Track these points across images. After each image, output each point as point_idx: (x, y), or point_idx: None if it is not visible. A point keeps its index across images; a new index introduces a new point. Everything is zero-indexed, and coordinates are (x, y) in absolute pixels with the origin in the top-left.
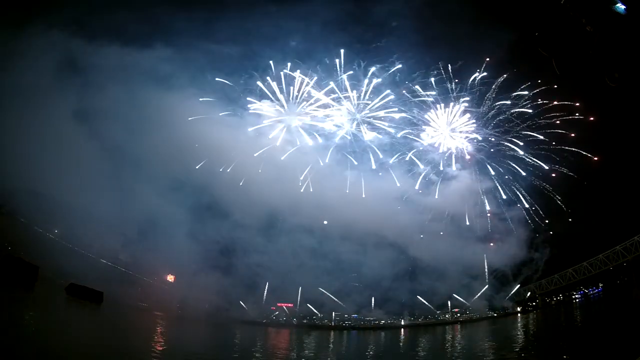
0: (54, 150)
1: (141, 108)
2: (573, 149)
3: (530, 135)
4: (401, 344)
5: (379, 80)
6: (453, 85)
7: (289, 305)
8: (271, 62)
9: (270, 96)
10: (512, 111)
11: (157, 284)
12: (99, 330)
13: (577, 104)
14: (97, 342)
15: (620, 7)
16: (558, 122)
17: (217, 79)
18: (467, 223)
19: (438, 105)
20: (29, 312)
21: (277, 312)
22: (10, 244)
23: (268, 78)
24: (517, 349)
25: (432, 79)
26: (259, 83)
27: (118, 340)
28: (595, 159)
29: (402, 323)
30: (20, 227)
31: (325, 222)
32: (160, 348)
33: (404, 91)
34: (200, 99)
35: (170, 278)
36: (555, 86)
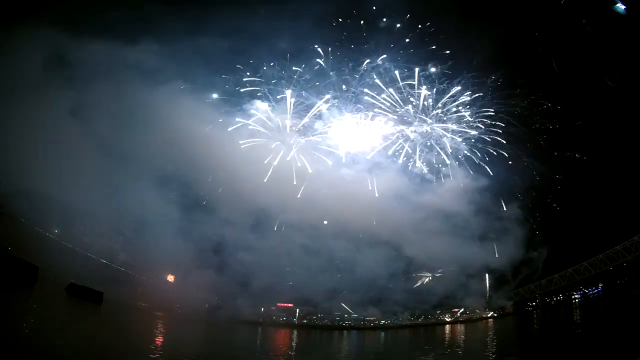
0: (51, 149)
1: (135, 105)
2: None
3: (527, 135)
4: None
5: (368, 80)
6: (444, 85)
7: (289, 305)
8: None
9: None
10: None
11: (157, 284)
12: (99, 330)
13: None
14: (97, 342)
15: (620, 7)
16: (555, 123)
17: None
18: (464, 222)
19: (426, 103)
20: (29, 312)
21: (277, 312)
22: (10, 244)
23: (258, 77)
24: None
25: (422, 79)
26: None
27: (118, 340)
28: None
29: (402, 323)
30: (20, 227)
31: (325, 222)
32: (160, 348)
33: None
34: (194, 97)
35: (170, 278)
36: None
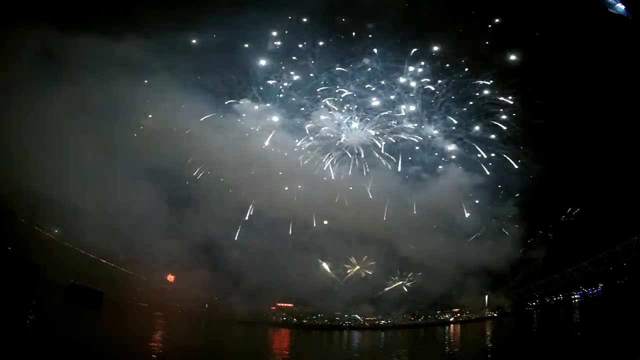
0: (48, 148)
1: (127, 102)
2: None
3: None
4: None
5: (357, 80)
6: (437, 84)
7: (289, 305)
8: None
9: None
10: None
11: (157, 284)
12: (98, 330)
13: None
14: (97, 342)
15: (620, 7)
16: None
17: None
18: (460, 220)
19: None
20: (28, 312)
21: (276, 312)
22: (10, 244)
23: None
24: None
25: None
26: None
27: (118, 341)
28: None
29: (402, 323)
30: (20, 227)
31: (326, 222)
32: (161, 348)
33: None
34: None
35: (170, 278)
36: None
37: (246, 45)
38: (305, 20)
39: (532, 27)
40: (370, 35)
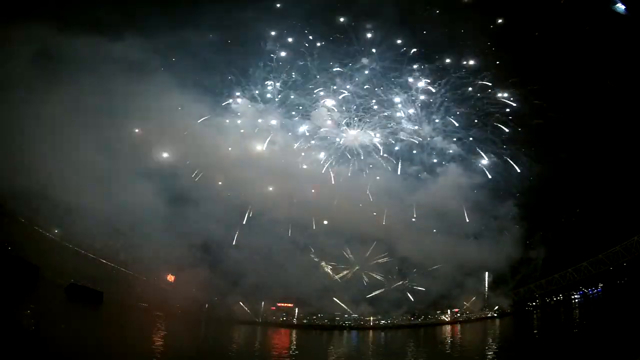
0: (49, 147)
1: (125, 101)
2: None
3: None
4: None
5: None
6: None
7: (289, 305)
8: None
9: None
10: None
11: (157, 284)
12: (99, 330)
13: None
14: (97, 342)
15: (620, 7)
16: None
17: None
18: (460, 220)
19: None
20: (28, 312)
21: (276, 312)
22: (10, 244)
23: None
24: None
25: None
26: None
27: (118, 341)
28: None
29: (402, 323)
30: (20, 227)
31: (326, 222)
32: (160, 348)
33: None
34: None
35: (170, 278)
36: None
37: (244, 45)
38: (304, 19)
39: (532, 27)
40: (369, 35)
